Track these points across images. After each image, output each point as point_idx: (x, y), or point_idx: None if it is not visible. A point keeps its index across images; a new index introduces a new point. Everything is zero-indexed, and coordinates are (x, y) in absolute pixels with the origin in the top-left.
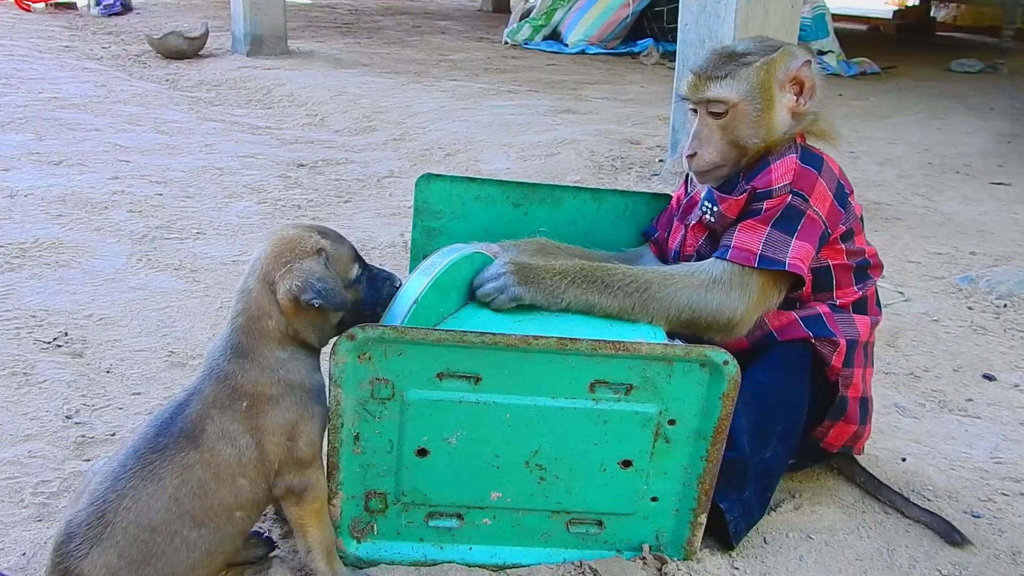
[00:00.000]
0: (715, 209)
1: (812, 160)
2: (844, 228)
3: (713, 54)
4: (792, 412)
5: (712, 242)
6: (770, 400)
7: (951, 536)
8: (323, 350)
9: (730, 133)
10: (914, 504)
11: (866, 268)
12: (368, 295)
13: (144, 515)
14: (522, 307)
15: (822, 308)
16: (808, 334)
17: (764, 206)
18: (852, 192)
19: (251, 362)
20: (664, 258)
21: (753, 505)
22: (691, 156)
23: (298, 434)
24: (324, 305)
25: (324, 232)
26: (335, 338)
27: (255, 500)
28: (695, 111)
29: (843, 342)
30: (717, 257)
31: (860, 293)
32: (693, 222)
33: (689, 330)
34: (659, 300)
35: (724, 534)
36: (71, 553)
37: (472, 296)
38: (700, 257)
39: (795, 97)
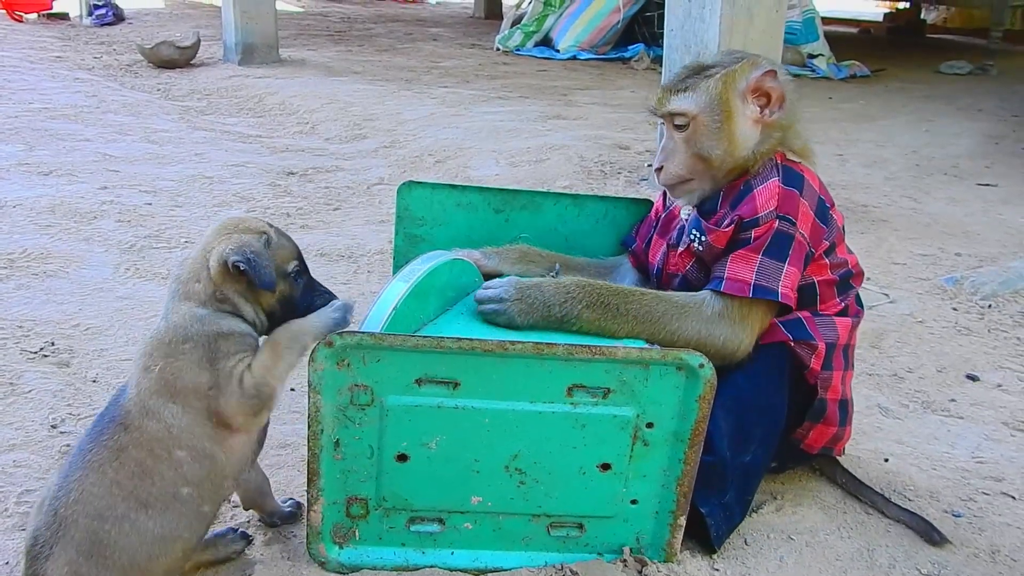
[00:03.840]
0: (703, 239)
1: (794, 180)
2: (827, 243)
3: (683, 68)
4: (771, 415)
5: (701, 266)
6: (749, 403)
7: (931, 535)
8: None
9: (693, 146)
10: (894, 504)
11: (848, 279)
12: (301, 297)
13: (90, 504)
14: None
15: (802, 313)
16: (787, 337)
17: (752, 235)
18: (833, 204)
19: (168, 323)
20: (643, 269)
21: (734, 508)
22: (659, 169)
23: (223, 379)
24: (249, 272)
25: (273, 225)
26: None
27: (202, 474)
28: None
29: (822, 345)
30: (712, 289)
31: (842, 304)
32: (681, 249)
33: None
34: (668, 332)
35: (705, 538)
36: (36, 556)
37: (451, 302)
38: (687, 280)
39: (759, 109)
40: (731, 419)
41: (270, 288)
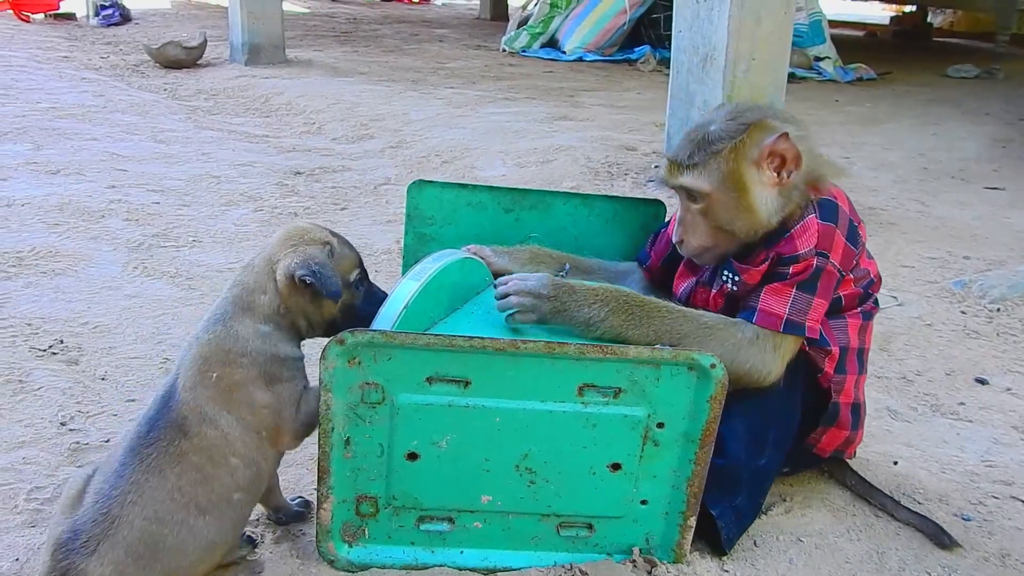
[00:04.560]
0: (737, 279)
1: (830, 213)
2: (855, 262)
3: (686, 138)
4: (785, 419)
5: (732, 303)
6: (764, 407)
7: (940, 539)
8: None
9: (712, 219)
10: (904, 507)
11: (870, 287)
12: (362, 305)
13: (149, 507)
14: None
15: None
16: (802, 343)
17: (791, 270)
18: (860, 222)
19: (229, 330)
20: (657, 286)
21: (745, 511)
22: (680, 242)
23: (279, 405)
24: (316, 286)
25: (335, 233)
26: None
27: (251, 479)
28: None
29: (836, 349)
30: (744, 318)
31: (860, 310)
32: (714, 291)
33: None
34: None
35: (716, 540)
36: (77, 551)
37: (462, 301)
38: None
39: (776, 174)
40: (746, 423)
41: (336, 298)
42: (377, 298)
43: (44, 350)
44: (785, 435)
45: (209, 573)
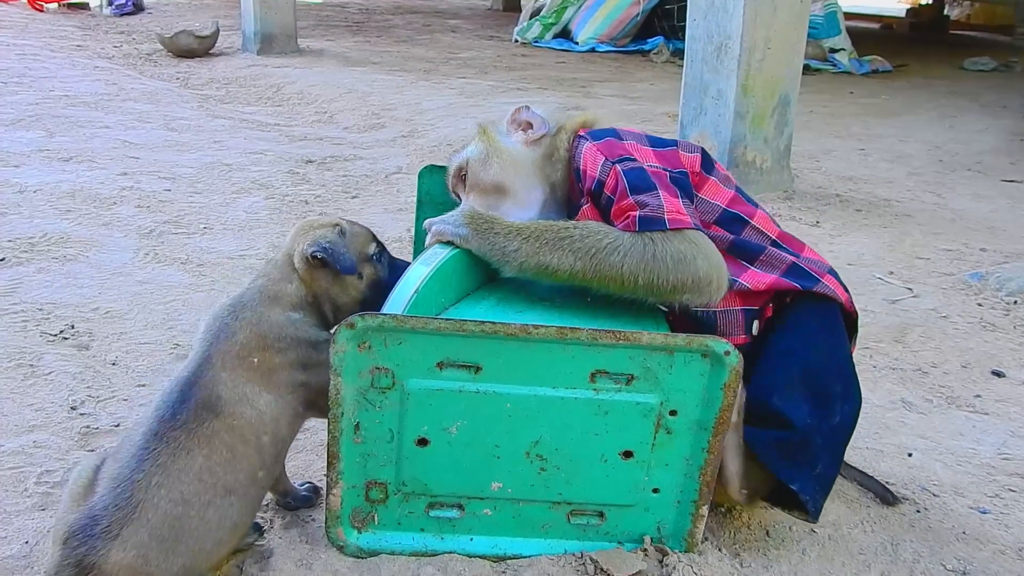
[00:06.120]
0: None
1: (602, 134)
2: (694, 155)
3: None
4: (844, 367)
5: None
6: (816, 365)
7: (884, 496)
8: None
9: (474, 184)
10: (851, 466)
11: (740, 189)
12: (389, 278)
13: (176, 489)
14: (522, 297)
15: (782, 256)
16: (797, 287)
17: (606, 193)
18: (670, 141)
19: (261, 317)
20: None
21: (828, 475)
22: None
23: (318, 385)
24: (328, 260)
25: (344, 218)
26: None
27: (275, 457)
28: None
29: (826, 279)
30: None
31: (765, 212)
32: None
33: (658, 298)
34: (609, 266)
35: (797, 507)
36: (97, 536)
37: (473, 286)
38: None
39: (524, 132)
40: (804, 387)
41: (351, 271)
42: (400, 269)
43: (55, 335)
44: (851, 383)
45: (223, 559)
